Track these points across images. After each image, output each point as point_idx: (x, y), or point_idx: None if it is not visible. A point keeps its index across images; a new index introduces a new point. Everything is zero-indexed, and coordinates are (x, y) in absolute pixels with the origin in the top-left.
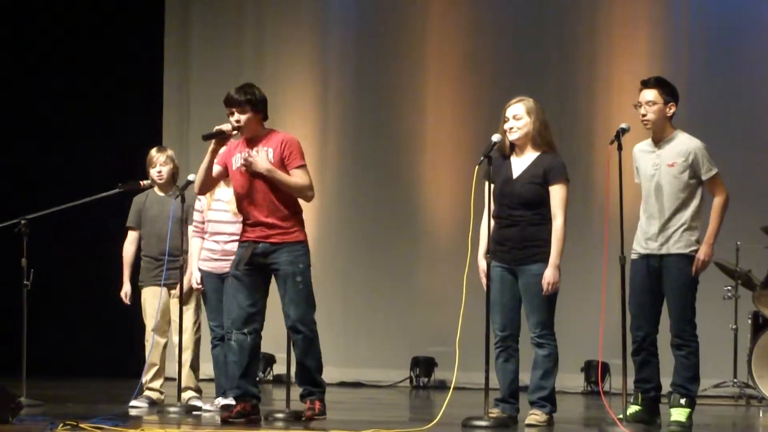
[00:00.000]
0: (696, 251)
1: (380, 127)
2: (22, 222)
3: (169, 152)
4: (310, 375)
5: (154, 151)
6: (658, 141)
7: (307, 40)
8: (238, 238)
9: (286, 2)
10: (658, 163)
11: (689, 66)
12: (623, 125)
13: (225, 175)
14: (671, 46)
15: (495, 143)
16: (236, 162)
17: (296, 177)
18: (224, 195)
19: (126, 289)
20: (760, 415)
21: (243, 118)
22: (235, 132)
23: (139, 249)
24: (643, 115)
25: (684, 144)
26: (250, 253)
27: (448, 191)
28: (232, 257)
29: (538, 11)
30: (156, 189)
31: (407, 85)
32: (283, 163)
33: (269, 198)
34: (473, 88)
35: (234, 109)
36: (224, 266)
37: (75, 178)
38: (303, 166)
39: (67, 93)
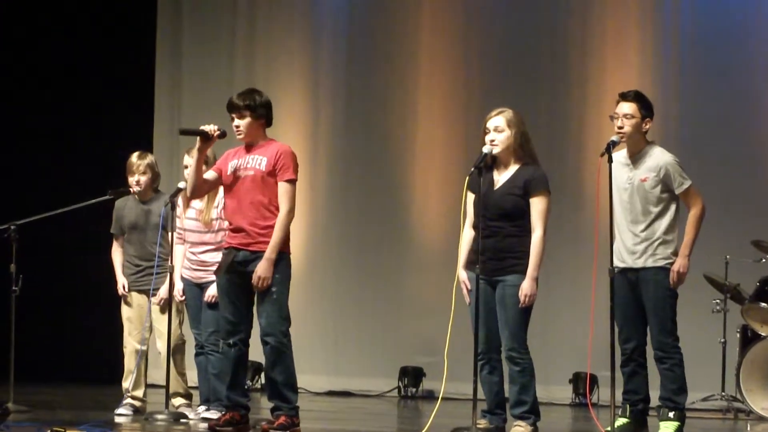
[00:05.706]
0: (672, 264)
1: (370, 136)
2: (11, 228)
3: (149, 159)
4: (276, 389)
5: (134, 158)
6: (633, 155)
7: (299, 46)
8: (212, 247)
9: (278, 6)
10: (632, 177)
11: (681, 77)
12: (614, 137)
13: (221, 181)
14: (662, 57)
15: (486, 155)
16: (230, 168)
17: (282, 199)
18: (197, 203)
19: (122, 282)
20: (748, 429)
21: (242, 123)
22: (218, 134)
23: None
24: (620, 128)
25: (656, 159)
26: (230, 259)
27: (437, 201)
28: (207, 267)
29: (530, 20)
30: (134, 196)
31: (397, 94)
32: (274, 173)
33: (253, 206)
34: (464, 99)
35: (234, 115)
36: (200, 276)
37: (64, 182)
38: (292, 181)
39: (57, 96)
